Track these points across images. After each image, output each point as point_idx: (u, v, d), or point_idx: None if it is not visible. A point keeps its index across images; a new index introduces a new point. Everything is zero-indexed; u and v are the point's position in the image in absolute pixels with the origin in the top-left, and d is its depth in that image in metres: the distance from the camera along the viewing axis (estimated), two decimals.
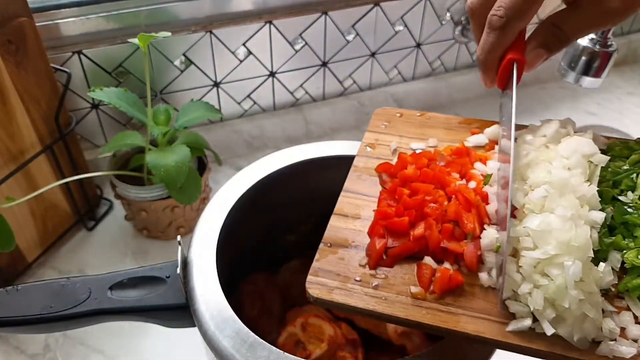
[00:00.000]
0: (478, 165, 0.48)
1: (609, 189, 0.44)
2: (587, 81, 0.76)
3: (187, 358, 0.67)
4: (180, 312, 0.46)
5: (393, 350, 0.56)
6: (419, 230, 0.43)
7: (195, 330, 0.46)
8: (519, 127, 0.51)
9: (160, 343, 0.69)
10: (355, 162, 0.52)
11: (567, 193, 0.41)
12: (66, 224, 0.81)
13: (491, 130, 0.52)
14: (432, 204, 0.44)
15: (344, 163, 0.54)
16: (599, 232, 0.41)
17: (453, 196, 0.45)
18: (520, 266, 0.39)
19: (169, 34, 0.70)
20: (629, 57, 1.26)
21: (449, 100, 1.11)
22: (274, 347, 0.42)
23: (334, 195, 0.51)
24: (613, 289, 0.39)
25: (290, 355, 0.41)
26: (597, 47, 0.73)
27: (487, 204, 0.45)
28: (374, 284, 0.41)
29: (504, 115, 0.48)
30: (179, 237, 0.48)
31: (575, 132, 0.48)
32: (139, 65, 0.84)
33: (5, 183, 0.67)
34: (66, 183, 0.75)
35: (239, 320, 0.44)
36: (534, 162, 0.44)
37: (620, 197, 0.43)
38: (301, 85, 0.99)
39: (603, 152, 0.48)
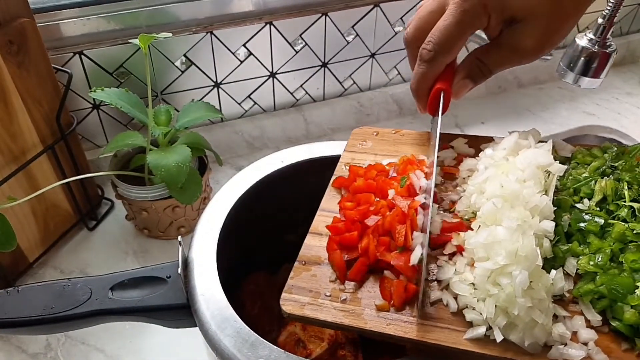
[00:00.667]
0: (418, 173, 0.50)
1: (568, 197, 0.45)
2: (586, 82, 0.76)
3: (188, 358, 0.68)
4: (181, 312, 0.47)
5: (392, 349, 0.57)
6: (364, 243, 0.45)
7: (196, 330, 0.47)
8: (486, 140, 0.53)
9: (162, 343, 0.70)
10: (331, 182, 0.53)
11: (518, 205, 0.43)
12: (67, 223, 0.81)
13: (458, 144, 0.54)
14: (373, 216, 0.46)
15: None
16: (552, 240, 0.42)
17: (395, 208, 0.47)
18: (474, 276, 0.41)
19: (170, 34, 0.70)
20: (627, 57, 1.26)
21: None
22: (275, 346, 0.42)
23: None
24: (568, 295, 0.41)
25: (291, 354, 0.42)
26: (596, 47, 0.73)
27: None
28: (342, 298, 0.43)
29: (433, 139, 0.50)
30: (179, 238, 0.49)
31: (540, 141, 0.50)
32: (139, 66, 0.85)
33: (7, 183, 0.67)
34: (67, 183, 0.75)
35: (240, 320, 0.45)
36: (492, 176, 0.46)
37: (578, 205, 0.45)
38: (301, 86, 0.99)
39: (568, 159, 0.49)
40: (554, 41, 0.47)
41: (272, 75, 0.95)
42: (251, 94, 0.96)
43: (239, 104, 0.97)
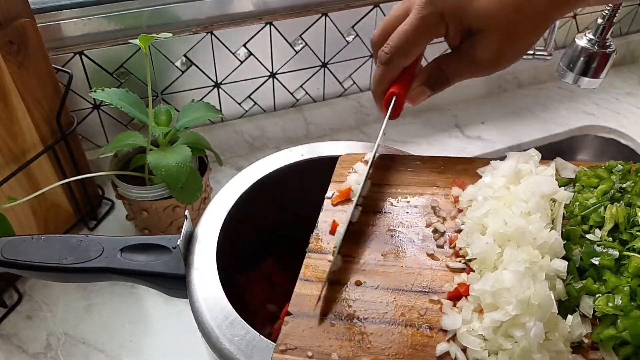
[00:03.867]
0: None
1: (577, 226, 0.42)
2: (586, 82, 0.76)
3: (189, 358, 0.68)
4: (178, 281, 0.49)
5: None
6: None
7: (196, 331, 0.47)
8: (483, 163, 0.50)
9: (162, 343, 0.70)
10: (320, 218, 0.49)
11: (525, 244, 0.39)
12: (68, 223, 0.81)
13: (471, 192, 0.47)
14: None
15: None
16: (565, 280, 0.39)
17: None
18: (483, 328, 0.37)
19: (170, 34, 0.70)
20: (627, 57, 1.26)
21: (447, 101, 1.11)
22: (252, 328, 0.44)
23: None
24: (587, 340, 0.37)
25: (264, 338, 0.43)
26: (596, 47, 0.74)
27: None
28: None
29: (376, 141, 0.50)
30: (186, 212, 0.51)
31: (542, 160, 0.47)
32: (140, 66, 0.85)
33: (7, 183, 0.67)
34: (68, 183, 0.75)
35: (225, 299, 0.46)
36: (493, 209, 0.43)
37: (588, 235, 0.41)
38: (301, 86, 1.00)
39: (572, 180, 0.46)
40: (508, 56, 0.47)
41: (272, 75, 0.95)
42: (251, 94, 0.96)
43: (239, 104, 0.97)
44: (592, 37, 0.74)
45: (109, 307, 0.74)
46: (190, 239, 0.52)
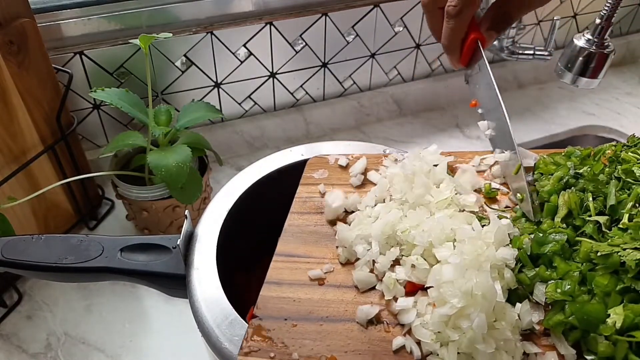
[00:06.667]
0: None
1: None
2: (584, 82, 0.76)
3: (189, 358, 0.68)
4: (179, 281, 0.49)
5: None
6: None
7: (196, 331, 0.47)
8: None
9: (162, 343, 0.70)
10: (288, 220, 0.50)
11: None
12: (68, 223, 0.81)
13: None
14: None
15: None
16: (514, 269, 0.39)
17: None
18: (432, 322, 0.37)
19: (170, 34, 0.70)
20: (627, 57, 1.26)
21: (448, 100, 1.11)
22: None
23: None
24: (539, 327, 0.37)
25: None
26: (594, 48, 0.73)
27: None
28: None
29: (477, 85, 0.55)
30: (186, 211, 0.51)
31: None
32: (140, 66, 0.85)
33: (7, 183, 0.67)
34: (68, 183, 0.75)
35: (225, 298, 0.46)
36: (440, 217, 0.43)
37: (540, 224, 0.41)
38: (301, 86, 1.00)
39: (532, 168, 0.46)
40: None
41: (272, 75, 0.95)
42: (251, 94, 0.96)
43: (239, 104, 0.97)
44: (590, 37, 0.74)
45: (109, 307, 0.74)
46: (190, 239, 0.52)
